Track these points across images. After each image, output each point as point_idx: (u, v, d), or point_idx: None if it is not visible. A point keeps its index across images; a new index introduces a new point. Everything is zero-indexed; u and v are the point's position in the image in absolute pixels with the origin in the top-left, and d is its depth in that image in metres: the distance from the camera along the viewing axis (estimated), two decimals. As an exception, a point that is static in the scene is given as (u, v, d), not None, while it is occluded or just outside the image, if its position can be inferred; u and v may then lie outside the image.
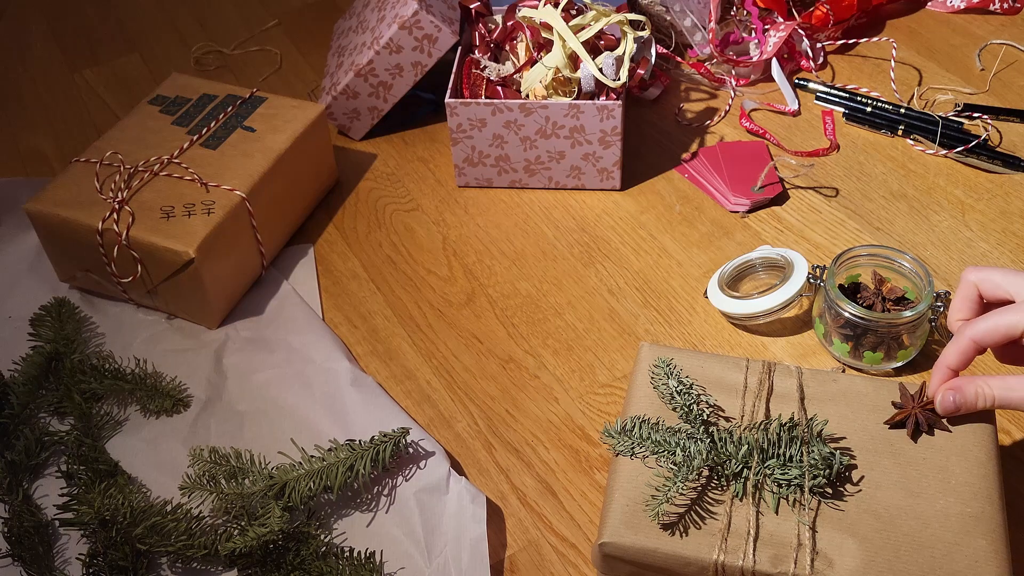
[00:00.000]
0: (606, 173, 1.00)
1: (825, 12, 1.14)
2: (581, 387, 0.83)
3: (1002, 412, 0.77)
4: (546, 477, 0.77)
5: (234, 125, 0.96)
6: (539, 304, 0.91)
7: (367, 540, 0.72)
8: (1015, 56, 1.14)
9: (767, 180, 0.97)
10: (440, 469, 0.75)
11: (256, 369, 0.86)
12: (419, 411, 0.83)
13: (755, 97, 1.11)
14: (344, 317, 0.91)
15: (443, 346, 0.88)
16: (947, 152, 1.01)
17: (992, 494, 0.62)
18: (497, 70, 1.01)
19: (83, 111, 1.21)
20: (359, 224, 1.01)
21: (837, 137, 1.05)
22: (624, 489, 0.64)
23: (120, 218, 0.86)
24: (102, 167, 0.91)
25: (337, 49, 1.14)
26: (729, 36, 1.14)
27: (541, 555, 0.72)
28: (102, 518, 0.70)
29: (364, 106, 1.07)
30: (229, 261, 0.89)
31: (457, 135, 0.99)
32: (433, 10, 1.01)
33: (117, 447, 0.80)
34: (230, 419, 0.82)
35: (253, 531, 0.69)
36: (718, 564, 0.60)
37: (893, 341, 0.78)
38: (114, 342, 0.89)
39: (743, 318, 0.85)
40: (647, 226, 0.97)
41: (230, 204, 0.88)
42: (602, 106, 0.94)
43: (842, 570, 0.59)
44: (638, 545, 0.61)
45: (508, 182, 1.03)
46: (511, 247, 0.97)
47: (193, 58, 1.27)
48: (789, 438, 0.64)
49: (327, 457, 0.74)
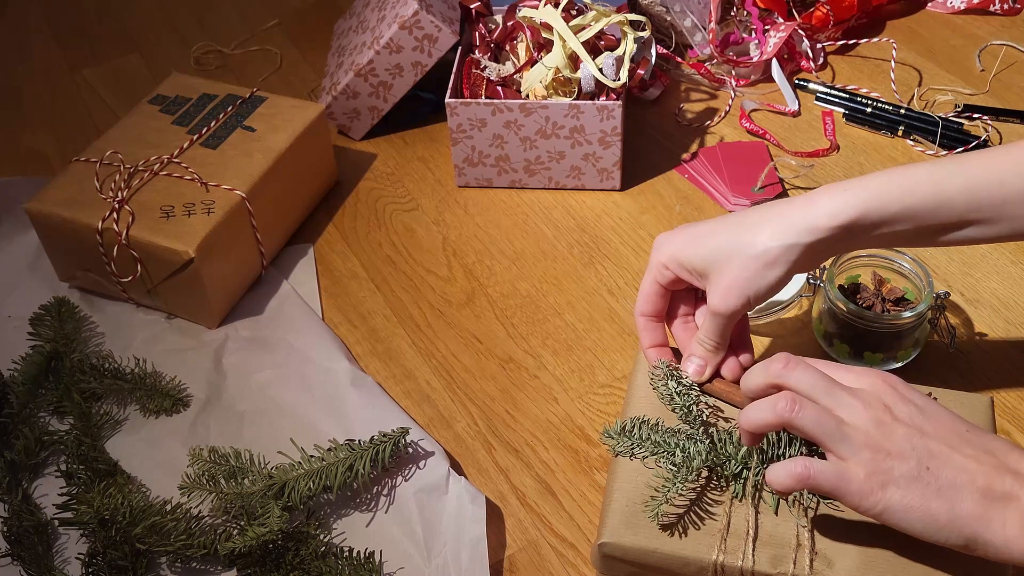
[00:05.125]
0: (606, 173, 1.00)
1: (825, 12, 1.14)
2: (581, 387, 0.83)
3: (1001, 413, 0.77)
4: (545, 477, 0.77)
5: (234, 125, 0.96)
6: (539, 304, 0.91)
7: (366, 540, 0.72)
8: (1015, 57, 1.14)
9: (767, 180, 0.97)
10: (440, 469, 0.75)
11: (256, 369, 0.86)
12: (419, 411, 0.83)
13: (755, 97, 1.11)
14: (344, 317, 0.91)
15: (443, 346, 0.88)
16: (947, 153, 1.01)
17: (991, 495, 0.62)
18: (497, 70, 1.01)
19: (83, 111, 1.21)
20: (359, 224, 1.01)
21: (837, 138, 1.05)
22: (623, 489, 0.64)
23: (120, 218, 0.86)
24: (102, 167, 0.91)
25: (337, 49, 1.14)
26: (729, 36, 1.14)
27: (540, 555, 0.72)
28: (101, 518, 0.70)
29: (364, 106, 1.07)
30: (229, 261, 0.89)
31: (457, 135, 0.99)
32: (433, 10, 1.01)
33: (116, 447, 0.80)
34: (230, 419, 0.82)
35: (252, 531, 0.69)
36: (717, 564, 0.60)
37: (892, 341, 0.78)
38: (114, 342, 0.89)
39: (743, 318, 0.85)
40: (647, 226, 0.97)
41: (230, 204, 0.88)
42: (602, 106, 0.94)
43: (841, 570, 0.59)
44: (637, 545, 0.61)
45: (508, 182, 1.03)
46: (511, 247, 0.97)
47: (193, 58, 1.27)
48: (789, 438, 0.64)
49: (327, 457, 0.74)
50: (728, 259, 0.63)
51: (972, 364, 0.81)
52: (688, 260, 0.65)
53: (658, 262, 0.66)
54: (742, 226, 0.63)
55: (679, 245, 0.65)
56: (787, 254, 0.62)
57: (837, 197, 0.61)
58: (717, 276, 0.63)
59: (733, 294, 0.63)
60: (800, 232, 0.61)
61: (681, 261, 0.65)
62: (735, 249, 0.63)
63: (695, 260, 0.64)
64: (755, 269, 0.62)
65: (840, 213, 0.61)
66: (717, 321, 0.65)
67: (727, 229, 0.64)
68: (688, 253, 0.65)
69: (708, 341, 0.66)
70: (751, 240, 0.62)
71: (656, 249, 0.67)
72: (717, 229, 0.64)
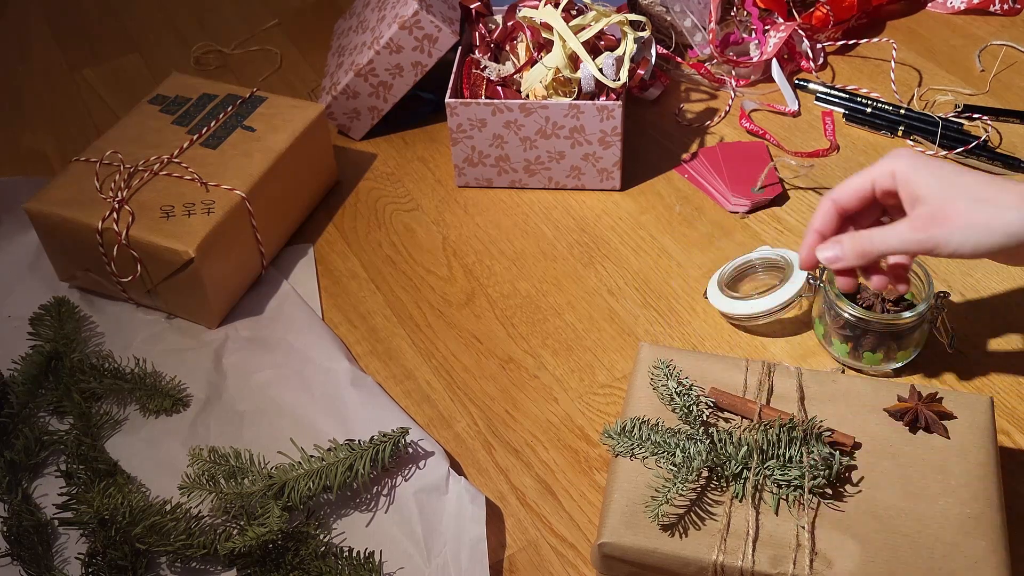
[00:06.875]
0: (606, 173, 1.00)
1: (825, 13, 1.14)
2: (580, 387, 0.83)
3: (1001, 413, 0.77)
4: (545, 477, 0.77)
5: (234, 125, 0.96)
6: (539, 304, 0.91)
7: (366, 540, 0.72)
8: (1015, 57, 1.14)
9: (767, 181, 0.97)
10: (439, 469, 0.75)
11: (256, 369, 0.86)
12: (418, 411, 0.83)
13: (755, 97, 1.11)
14: (344, 317, 0.91)
15: (443, 346, 0.88)
16: (947, 153, 1.01)
17: (991, 495, 0.62)
18: (497, 70, 1.01)
19: (83, 111, 1.21)
20: (359, 224, 1.01)
21: (837, 138, 1.05)
22: (623, 489, 0.64)
23: (120, 218, 0.86)
24: (102, 167, 0.91)
25: (337, 49, 1.14)
26: (729, 36, 1.14)
27: (540, 555, 0.72)
28: (101, 517, 0.70)
29: (364, 106, 1.07)
30: (229, 261, 0.89)
31: (457, 135, 0.99)
32: (433, 10, 1.01)
33: (116, 446, 0.80)
34: (229, 419, 0.82)
35: (252, 531, 0.69)
36: (717, 565, 0.60)
37: (893, 342, 0.78)
38: (114, 341, 0.89)
39: (743, 319, 0.85)
40: (647, 226, 0.97)
41: (230, 204, 0.88)
42: (602, 106, 0.94)
43: (841, 571, 0.59)
44: (637, 545, 0.61)
45: (508, 182, 1.03)
46: (511, 247, 0.97)
47: (193, 58, 1.27)
48: (789, 439, 0.64)
49: (326, 457, 0.74)
50: (954, 198, 0.62)
51: (972, 364, 0.81)
52: (917, 178, 0.63)
53: (888, 168, 0.65)
54: (986, 185, 0.62)
55: (919, 162, 0.64)
56: (1010, 240, 0.61)
57: None
58: (932, 205, 0.62)
59: (936, 230, 0.62)
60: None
61: (911, 176, 0.64)
62: (967, 195, 0.61)
63: (922, 182, 0.63)
64: (974, 228, 0.61)
65: None
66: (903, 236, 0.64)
67: (969, 176, 0.62)
68: (922, 173, 0.63)
69: (870, 243, 0.65)
70: (990, 198, 0.61)
71: (893, 156, 0.65)
72: (959, 172, 0.63)
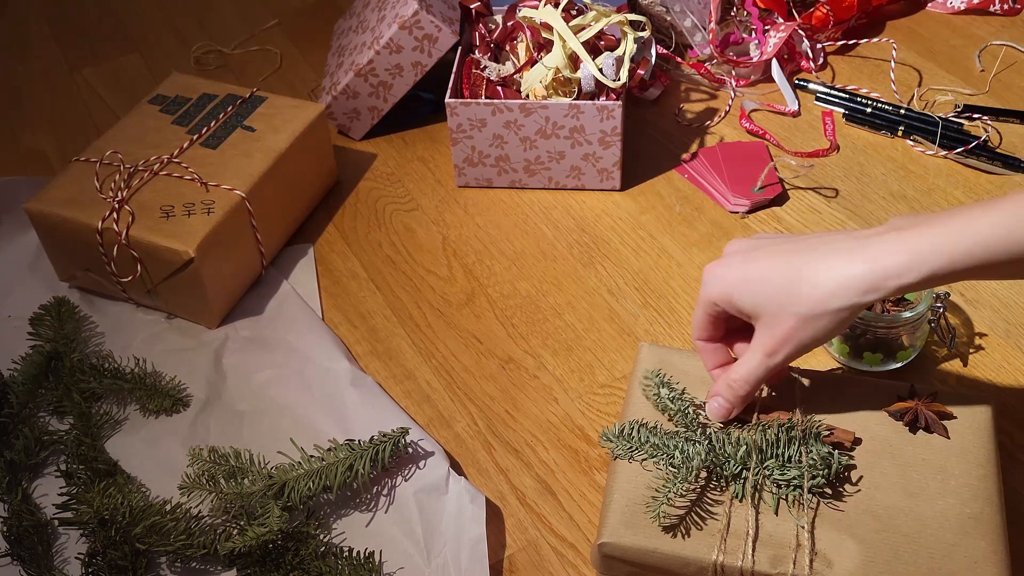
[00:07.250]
0: (606, 173, 1.00)
1: (825, 13, 1.14)
2: (580, 387, 0.83)
3: (1001, 413, 0.77)
4: (545, 477, 0.77)
5: (234, 125, 0.96)
6: (539, 304, 0.91)
7: (366, 540, 0.72)
8: (1015, 57, 1.14)
9: (767, 181, 0.97)
10: (439, 469, 0.75)
11: (256, 369, 0.86)
12: (418, 411, 0.83)
13: (755, 97, 1.11)
14: (344, 317, 0.91)
15: (443, 346, 0.88)
16: (947, 153, 1.01)
17: (991, 495, 0.62)
18: (497, 70, 1.01)
19: (83, 111, 1.21)
20: (359, 224, 1.01)
21: (837, 138, 1.05)
22: (623, 489, 0.64)
23: (120, 218, 0.86)
24: (102, 167, 0.91)
25: (337, 49, 1.14)
26: (729, 37, 1.14)
27: (540, 555, 0.72)
28: (101, 517, 0.70)
29: (364, 106, 1.07)
30: (229, 261, 0.89)
31: (457, 135, 0.99)
32: (433, 10, 1.01)
33: (116, 446, 0.80)
34: (229, 419, 0.82)
35: (252, 531, 0.69)
36: (717, 565, 0.60)
37: (892, 342, 0.78)
38: (114, 341, 0.89)
39: (743, 319, 0.85)
40: (647, 226, 0.97)
41: (230, 204, 0.88)
42: (602, 106, 0.94)
43: (841, 571, 0.59)
44: (637, 545, 0.61)
45: (508, 182, 1.03)
46: (511, 247, 0.97)
47: (193, 58, 1.27)
48: (788, 438, 0.64)
49: (326, 457, 0.74)
50: (780, 309, 0.61)
51: (972, 364, 0.81)
52: (738, 302, 0.63)
53: (708, 299, 0.65)
54: (797, 272, 0.60)
55: (730, 284, 0.63)
56: (846, 312, 0.60)
57: (904, 256, 0.57)
58: (769, 325, 0.62)
59: (786, 348, 0.61)
60: (862, 292, 0.58)
61: (732, 302, 0.63)
62: (789, 301, 0.60)
63: (745, 304, 0.62)
64: (811, 326, 0.60)
65: (907, 274, 0.57)
66: (764, 366, 0.63)
67: (780, 273, 0.61)
68: (738, 295, 0.63)
69: (744, 385, 0.65)
70: (807, 293, 0.60)
71: (706, 284, 0.65)
72: (770, 272, 0.61)
